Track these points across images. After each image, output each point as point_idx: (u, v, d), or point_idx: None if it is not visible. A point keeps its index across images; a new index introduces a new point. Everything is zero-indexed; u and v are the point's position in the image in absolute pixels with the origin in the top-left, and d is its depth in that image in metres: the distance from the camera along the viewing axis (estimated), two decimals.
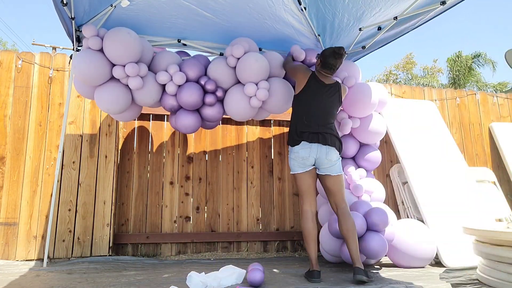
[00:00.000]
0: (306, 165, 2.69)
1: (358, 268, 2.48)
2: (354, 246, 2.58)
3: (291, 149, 2.74)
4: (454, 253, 3.24)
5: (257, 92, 3.01)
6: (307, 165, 2.69)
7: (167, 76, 3.01)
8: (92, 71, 2.77)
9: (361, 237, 2.92)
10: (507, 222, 4.04)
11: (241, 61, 3.04)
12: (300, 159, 2.67)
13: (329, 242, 3.18)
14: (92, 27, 2.79)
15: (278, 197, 4.20)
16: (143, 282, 2.50)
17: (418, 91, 4.94)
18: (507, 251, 2.20)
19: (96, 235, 3.56)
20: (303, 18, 3.39)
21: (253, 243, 4.02)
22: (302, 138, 2.67)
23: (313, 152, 2.65)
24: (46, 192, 3.55)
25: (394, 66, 20.87)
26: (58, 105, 3.73)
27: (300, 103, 2.80)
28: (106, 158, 3.72)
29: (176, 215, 3.90)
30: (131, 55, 2.80)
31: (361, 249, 2.89)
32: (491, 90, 17.19)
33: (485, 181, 4.52)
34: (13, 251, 3.40)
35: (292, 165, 2.75)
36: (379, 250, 2.87)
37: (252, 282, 2.36)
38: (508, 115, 5.18)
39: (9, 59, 3.69)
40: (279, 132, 4.35)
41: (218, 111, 3.19)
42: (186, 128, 3.17)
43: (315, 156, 2.65)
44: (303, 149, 2.66)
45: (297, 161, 2.70)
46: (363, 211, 3.04)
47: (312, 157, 2.66)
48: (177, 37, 3.50)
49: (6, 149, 3.54)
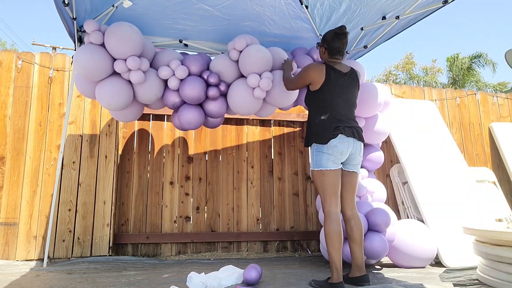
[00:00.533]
0: (340, 161, 2.45)
1: (367, 276, 2.40)
2: (361, 250, 2.46)
3: (324, 146, 2.42)
4: (454, 253, 3.24)
5: (260, 82, 2.96)
6: (341, 160, 2.46)
7: (169, 71, 2.99)
8: (93, 66, 2.76)
9: None
10: (507, 222, 4.04)
11: (243, 53, 3.03)
12: (338, 154, 2.41)
13: None
14: (93, 22, 2.80)
15: (278, 197, 4.20)
16: (143, 282, 2.50)
17: (418, 91, 4.94)
18: (507, 251, 2.20)
19: (96, 235, 3.56)
20: (305, 17, 3.38)
21: (253, 243, 4.02)
22: (338, 132, 2.41)
23: (350, 147, 2.43)
24: (46, 192, 3.55)
25: (393, 66, 20.89)
26: (58, 105, 3.73)
27: (324, 97, 2.51)
28: (106, 158, 3.72)
29: (176, 215, 3.90)
30: (132, 49, 2.80)
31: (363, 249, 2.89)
32: (491, 90, 17.19)
33: (485, 181, 4.53)
34: (13, 251, 3.40)
35: (325, 160, 2.42)
36: (380, 250, 2.88)
37: (247, 280, 2.39)
38: (508, 115, 5.18)
39: (9, 59, 3.69)
40: (279, 132, 4.35)
41: (222, 105, 3.16)
42: (190, 124, 3.14)
43: (350, 151, 2.45)
44: (342, 143, 2.40)
45: (334, 155, 2.41)
46: (364, 211, 3.04)
47: (348, 153, 2.44)
48: (178, 37, 3.51)
49: (6, 149, 3.54)
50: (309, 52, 3.52)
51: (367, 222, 2.95)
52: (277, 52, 3.21)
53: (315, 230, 4.16)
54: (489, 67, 17.61)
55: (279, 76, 3.08)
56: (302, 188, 4.28)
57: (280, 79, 3.06)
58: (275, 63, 3.17)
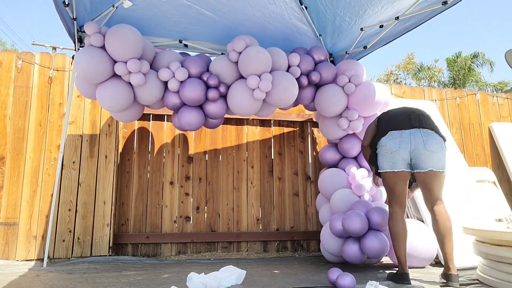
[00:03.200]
0: None
1: (456, 275, 2.36)
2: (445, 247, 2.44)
3: None
4: (454, 253, 3.23)
5: (259, 83, 2.97)
6: None
7: (169, 73, 3.00)
8: (94, 68, 2.77)
9: (362, 236, 2.93)
10: (507, 222, 4.04)
11: (242, 55, 3.03)
12: None
13: (330, 242, 3.18)
14: (94, 25, 2.80)
15: (278, 197, 4.20)
16: (143, 282, 2.50)
17: (418, 91, 4.94)
18: (507, 251, 2.20)
19: (96, 235, 3.56)
20: (304, 17, 3.39)
21: (253, 243, 4.02)
22: None
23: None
24: (46, 192, 3.55)
25: (395, 66, 20.89)
26: (58, 105, 3.73)
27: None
28: (106, 158, 3.72)
29: (176, 215, 3.90)
30: (132, 51, 2.80)
31: (363, 248, 2.89)
32: (491, 89, 17.18)
33: (485, 181, 4.52)
34: (13, 251, 3.40)
35: None
36: (380, 249, 2.87)
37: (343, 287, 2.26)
38: (508, 115, 5.18)
39: (9, 59, 3.69)
40: (279, 132, 4.35)
41: (222, 107, 3.16)
42: (190, 125, 3.15)
43: None
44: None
45: None
46: (364, 210, 3.04)
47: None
48: (178, 38, 3.51)
49: (6, 149, 3.54)
50: (309, 52, 3.52)
51: (368, 221, 2.95)
52: (276, 53, 3.21)
53: (315, 230, 4.16)
54: (486, 67, 17.61)
55: (279, 77, 3.09)
56: (302, 188, 4.28)
57: (280, 80, 3.07)
58: (275, 64, 3.17)
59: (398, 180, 2.52)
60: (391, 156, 2.49)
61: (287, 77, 3.15)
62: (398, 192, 2.54)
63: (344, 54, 3.79)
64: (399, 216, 2.54)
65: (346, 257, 3.02)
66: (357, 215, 2.91)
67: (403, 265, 2.50)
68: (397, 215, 2.55)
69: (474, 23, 51.71)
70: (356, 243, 2.97)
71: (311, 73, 3.34)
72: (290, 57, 3.26)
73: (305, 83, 3.34)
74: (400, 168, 2.49)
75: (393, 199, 2.58)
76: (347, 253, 2.98)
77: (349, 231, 2.91)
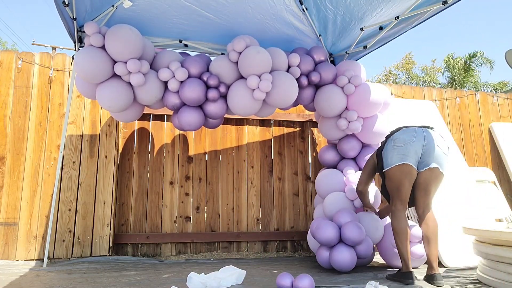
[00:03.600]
0: None
1: (439, 274, 2.43)
2: (430, 249, 2.51)
3: None
4: (454, 253, 3.24)
5: (260, 84, 2.97)
6: None
7: (169, 73, 3.00)
8: (94, 68, 2.77)
9: (332, 247, 2.93)
10: (507, 222, 4.04)
11: (242, 55, 3.03)
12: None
13: (312, 243, 3.27)
14: (94, 25, 2.80)
15: (278, 197, 4.20)
16: (143, 282, 2.50)
17: (418, 91, 4.94)
18: (507, 251, 2.20)
19: (96, 235, 3.56)
20: (304, 18, 3.39)
21: (253, 243, 4.02)
22: None
23: None
24: (46, 192, 3.55)
25: (393, 66, 20.87)
26: (58, 105, 3.73)
27: None
28: (106, 158, 3.72)
29: (176, 215, 3.90)
30: (132, 51, 2.80)
31: (331, 260, 2.89)
32: (491, 89, 17.17)
33: (485, 181, 4.52)
34: (13, 251, 3.40)
35: None
36: (350, 262, 2.82)
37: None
38: (508, 115, 5.18)
39: (9, 59, 3.69)
40: (279, 132, 4.35)
41: (221, 107, 3.16)
42: (190, 125, 3.15)
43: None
44: None
45: None
46: (343, 221, 2.95)
47: None
48: (178, 38, 3.51)
49: (6, 149, 3.54)
50: (309, 52, 3.52)
51: (339, 234, 2.94)
52: (276, 53, 3.22)
53: None
54: (486, 66, 17.57)
55: (279, 77, 3.09)
56: (302, 188, 4.28)
57: (280, 80, 3.07)
58: (275, 64, 3.17)
59: (404, 177, 2.52)
60: (403, 148, 2.51)
61: (287, 78, 3.15)
62: (403, 190, 2.55)
63: (344, 54, 3.79)
64: (402, 214, 2.55)
65: (320, 263, 3.04)
66: (327, 225, 2.88)
67: (407, 264, 2.49)
68: (400, 213, 2.55)
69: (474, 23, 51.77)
70: (328, 251, 2.96)
71: (311, 74, 3.34)
72: (290, 57, 3.26)
73: (305, 84, 3.34)
74: (410, 162, 2.50)
75: (397, 197, 2.57)
76: (319, 259, 3.02)
77: (318, 240, 2.92)
